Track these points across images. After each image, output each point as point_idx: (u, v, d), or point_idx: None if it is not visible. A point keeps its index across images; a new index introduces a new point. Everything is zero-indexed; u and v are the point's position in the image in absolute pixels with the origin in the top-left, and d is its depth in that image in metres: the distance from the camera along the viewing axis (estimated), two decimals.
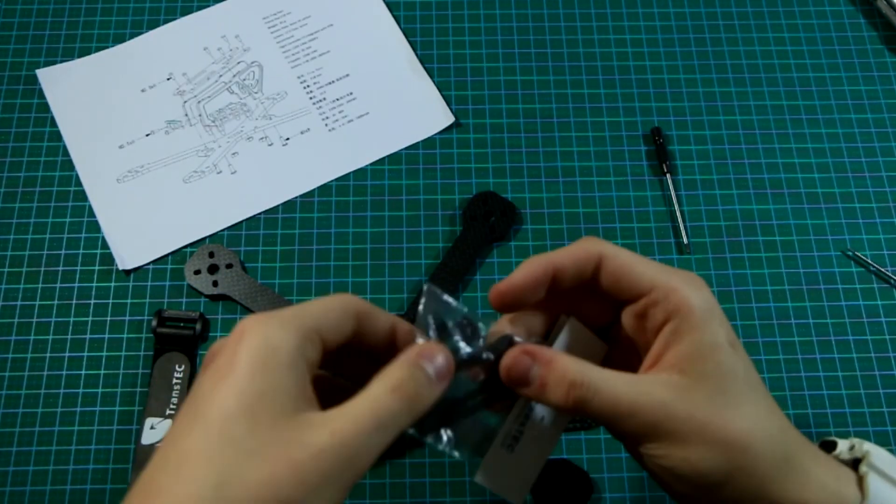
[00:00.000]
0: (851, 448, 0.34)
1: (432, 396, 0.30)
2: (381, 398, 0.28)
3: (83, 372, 0.54)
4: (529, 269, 0.33)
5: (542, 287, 0.33)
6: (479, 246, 0.58)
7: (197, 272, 0.57)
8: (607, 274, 0.33)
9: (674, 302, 0.32)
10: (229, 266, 0.57)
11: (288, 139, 0.62)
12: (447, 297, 0.32)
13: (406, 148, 0.62)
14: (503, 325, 0.34)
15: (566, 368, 0.31)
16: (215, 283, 0.56)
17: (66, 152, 0.61)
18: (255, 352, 0.28)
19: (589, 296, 0.34)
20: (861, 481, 0.32)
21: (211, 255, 0.57)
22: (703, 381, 0.31)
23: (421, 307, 0.32)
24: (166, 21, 0.66)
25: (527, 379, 0.31)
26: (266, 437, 0.27)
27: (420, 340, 0.31)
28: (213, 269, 0.57)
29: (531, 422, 0.33)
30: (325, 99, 0.64)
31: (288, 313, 0.29)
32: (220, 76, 0.64)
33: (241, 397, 0.27)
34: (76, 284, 0.57)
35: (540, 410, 0.34)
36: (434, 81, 0.64)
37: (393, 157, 0.62)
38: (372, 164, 0.61)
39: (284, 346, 0.28)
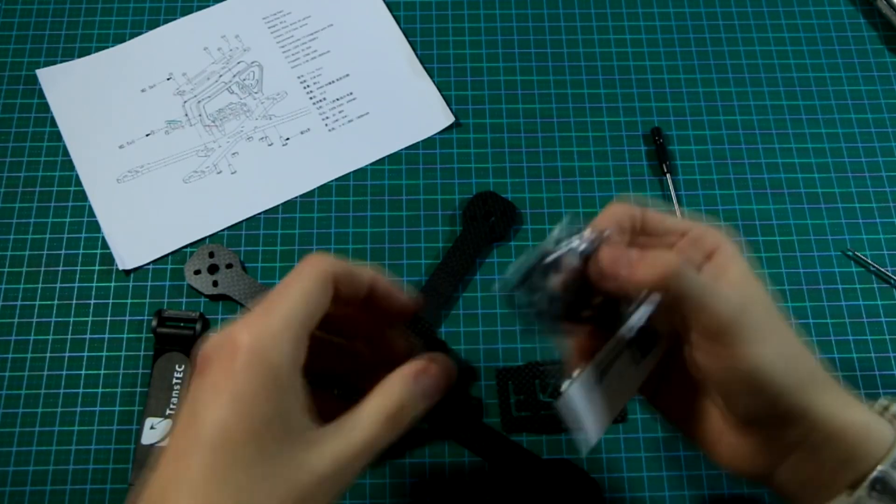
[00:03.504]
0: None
1: (420, 413, 0.32)
2: (376, 428, 0.30)
3: (83, 372, 0.54)
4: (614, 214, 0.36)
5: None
6: (479, 246, 0.58)
7: (197, 272, 0.57)
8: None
9: (711, 241, 0.34)
10: (229, 266, 0.57)
11: (288, 139, 0.62)
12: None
13: (406, 148, 0.62)
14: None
15: (657, 254, 0.32)
16: (215, 283, 0.56)
17: (66, 152, 0.61)
18: (256, 373, 0.28)
19: None
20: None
21: (211, 255, 0.57)
22: (759, 301, 0.32)
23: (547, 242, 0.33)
24: (166, 21, 0.66)
25: (618, 269, 0.32)
26: (276, 460, 0.27)
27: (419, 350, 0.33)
28: (213, 269, 0.57)
29: (620, 360, 0.33)
30: (325, 99, 0.64)
31: (278, 321, 0.29)
32: (220, 76, 0.64)
33: (249, 421, 0.27)
34: (76, 284, 0.57)
35: (628, 355, 0.33)
36: (434, 81, 0.64)
37: (393, 157, 0.62)
38: (372, 164, 0.61)
39: (284, 364, 0.29)
